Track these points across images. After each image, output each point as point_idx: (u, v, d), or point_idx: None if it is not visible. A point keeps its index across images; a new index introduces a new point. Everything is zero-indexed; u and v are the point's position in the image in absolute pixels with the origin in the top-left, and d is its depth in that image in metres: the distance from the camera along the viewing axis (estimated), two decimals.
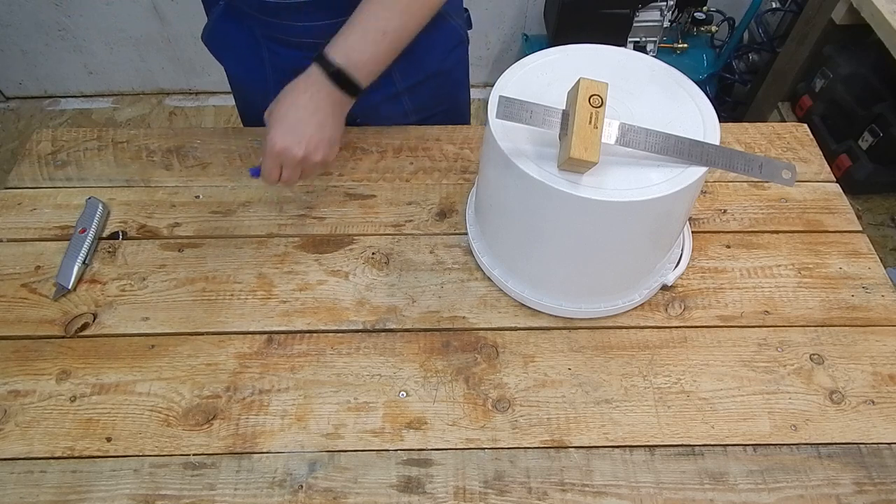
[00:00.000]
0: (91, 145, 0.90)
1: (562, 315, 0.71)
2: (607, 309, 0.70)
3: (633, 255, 0.67)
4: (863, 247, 0.78)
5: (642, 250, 0.67)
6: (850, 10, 1.55)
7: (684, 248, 0.75)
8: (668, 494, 0.59)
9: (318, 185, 0.85)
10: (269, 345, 0.69)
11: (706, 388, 0.66)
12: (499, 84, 0.64)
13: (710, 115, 0.62)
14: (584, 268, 0.68)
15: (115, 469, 0.61)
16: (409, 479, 0.60)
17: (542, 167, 0.58)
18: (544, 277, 0.70)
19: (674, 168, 0.58)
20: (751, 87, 2.05)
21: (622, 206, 0.57)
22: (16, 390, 0.66)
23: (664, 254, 0.71)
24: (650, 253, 0.68)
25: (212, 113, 2.21)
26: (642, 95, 0.63)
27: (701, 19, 1.93)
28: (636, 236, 0.64)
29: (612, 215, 0.59)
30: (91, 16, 1.99)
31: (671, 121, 0.61)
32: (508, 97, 0.58)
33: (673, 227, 0.67)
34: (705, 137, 0.60)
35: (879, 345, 0.69)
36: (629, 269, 0.69)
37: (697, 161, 0.58)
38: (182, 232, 0.79)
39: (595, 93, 0.55)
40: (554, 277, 0.69)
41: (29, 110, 2.21)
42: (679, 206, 0.63)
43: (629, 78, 0.64)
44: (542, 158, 0.58)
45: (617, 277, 0.69)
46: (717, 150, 0.59)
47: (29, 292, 0.74)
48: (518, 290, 0.71)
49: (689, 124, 0.61)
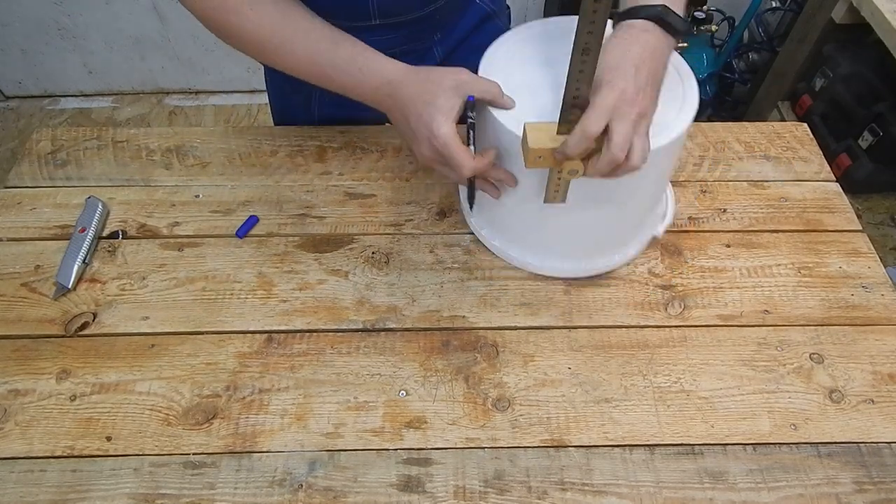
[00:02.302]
0: (91, 144, 0.90)
1: (562, 276, 0.74)
2: (605, 264, 0.74)
3: (624, 208, 0.69)
4: (863, 246, 0.78)
5: (634, 203, 0.69)
6: (850, 9, 1.55)
7: (668, 202, 0.78)
8: (668, 494, 0.59)
9: (318, 184, 0.85)
10: (269, 344, 0.69)
11: (706, 387, 0.66)
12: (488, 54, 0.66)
13: (690, 83, 0.63)
14: (580, 224, 0.70)
15: (115, 468, 0.61)
16: (409, 478, 0.60)
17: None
18: (542, 240, 0.72)
19: (658, 123, 0.57)
20: (751, 86, 2.05)
21: None
22: (15, 389, 0.66)
23: (653, 206, 0.74)
24: (641, 205, 0.71)
25: (212, 112, 2.21)
26: None
27: (701, 18, 1.93)
28: (628, 190, 0.65)
29: None
30: (91, 15, 1.99)
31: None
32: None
33: (661, 180, 0.71)
34: (681, 111, 0.61)
35: (879, 344, 0.69)
36: (623, 222, 0.72)
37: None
38: (182, 231, 0.79)
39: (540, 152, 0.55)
40: (551, 238, 0.72)
41: (29, 109, 2.21)
42: (666, 159, 0.65)
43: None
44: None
45: (610, 232, 0.72)
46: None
47: (29, 291, 0.74)
48: (521, 257, 0.74)
49: (666, 96, 0.60)
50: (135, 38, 2.06)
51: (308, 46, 0.61)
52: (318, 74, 0.63)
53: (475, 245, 0.78)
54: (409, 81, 0.59)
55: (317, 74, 0.63)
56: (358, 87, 0.62)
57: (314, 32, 0.61)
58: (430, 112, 0.57)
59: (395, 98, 0.60)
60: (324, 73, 0.62)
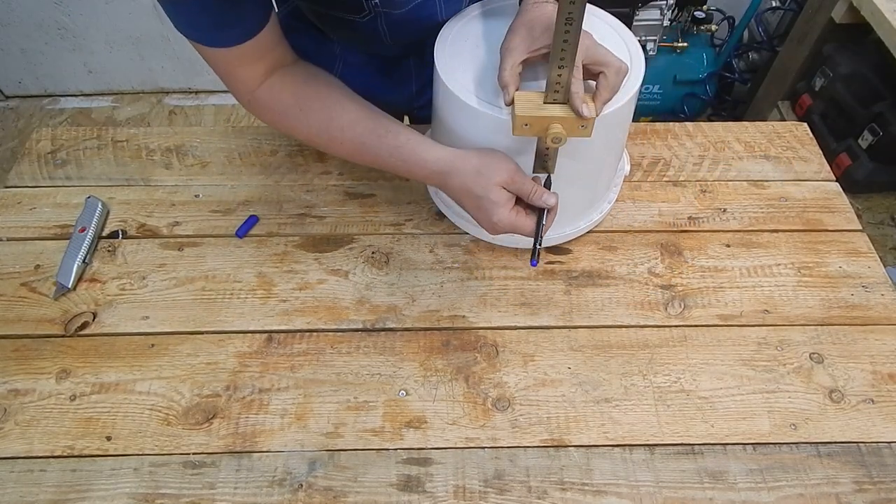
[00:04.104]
0: (91, 144, 0.90)
1: (527, 247, 0.76)
2: (573, 231, 0.77)
3: (587, 175, 0.72)
4: (862, 246, 0.78)
5: (601, 165, 0.73)
6: (850, 8, 1.55)
7: (624, 165, 0.81)
8: (668, 493, 0.59)
9: (318, 184, 0.85)
10: (269, 344, 0.69)
11: (706, 387, 0.66)
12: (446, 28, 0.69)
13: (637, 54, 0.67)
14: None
15: (115, 468, 0.61)
16: (409, 477, 0.60)
17: (484, 100, 0.62)
18: None
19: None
20: (751, 85, 2.05)
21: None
22: (15, 389, 0.66)
23: (613, 172, 0.78)
24: (604, 170, 0.74)
25: (211, 112, 2.21)
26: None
27: (701, 18, 1.93)
28: (586, 155, 0.68)
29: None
30: (91, 15, 1.99)
31: None
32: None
33: (620, 143, 0.74)
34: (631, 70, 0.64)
35: (879, 344, 0.69)
36: (587, 188, 0.74)
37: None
38: (182, 231, 0.79)
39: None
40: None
41: (28, 109, 2.21)
42: (622, 124, 0.70)
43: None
44: (485, 92, 0.63)
45: (568, 204, 0.72)
46: None
47: (29, 291, 0.74)
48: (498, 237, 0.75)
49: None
50: (135, 38, 2.06)
51: (354, 140, 0.65)
52: (370, 164, 0.68)
53: (475, 245, 0.78)
54: (458, 172, 0.62)
55: (368, 164, 0.68)
56: (408, 175, 0.66)
57: (359, 126, 0.65)
58: (486, 207, 0.61)
59: (448, 187, 0.64)
60: (374, 164, 0.67)
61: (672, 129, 0.92)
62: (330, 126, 0.65)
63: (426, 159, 0.63)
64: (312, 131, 0.66)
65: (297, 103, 0.65)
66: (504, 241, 0.77)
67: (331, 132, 0.65)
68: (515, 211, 0.62)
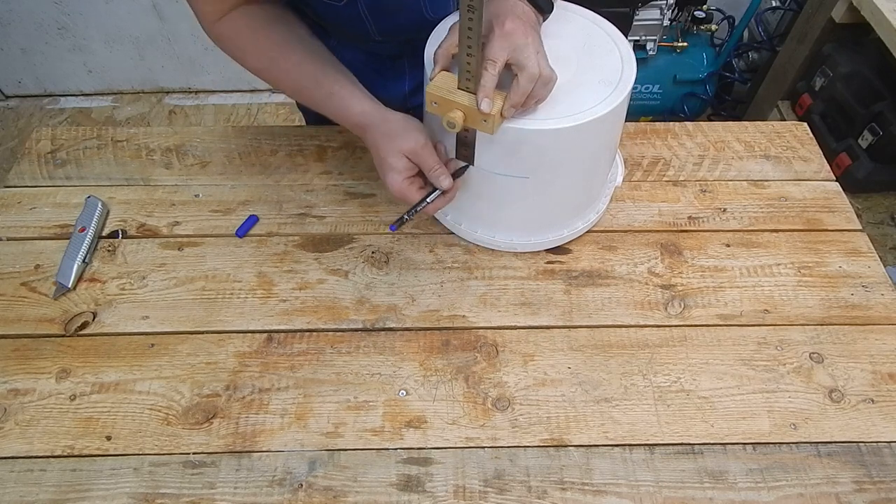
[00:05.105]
0: (90, 144, 0.90)
1: (529, 250, 0.76)
2: (570, 234, 0.77)
3: (581, 177, 0.72)
4: (862, 245, 0.78)
5: (592, 170, 0.73)
6: (850, 8, 1.55)
7: (618, 168, 0.82)
8: (668, 493, 0.59)
9: (318, 183, 0.84)
10: (269, 343, 0.69)
11: (706, 386, 0.66)
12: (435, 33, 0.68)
13: (629, 58, 0.66)
14: (538, 197, 0.71)
15: (115, 468, 0.61)
16: (409, 477, 0.60)
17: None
18: (508, 217, 0.74)
19: (605, 90, 0.63)
20: (751, 85, 2.05)
21: (560, 133, 0.61)
22: (15, 389, 0.66)
23: (605, 174, 0.78)
24: (596, 172, 0.74)
25: (211, 112, 2.21)
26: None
27: (701, 18, 1.93)
28: (574, 161, 0.68)
29: (556, 141, 0.63)
30: (91, 14, 1.99)
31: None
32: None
33: (611, 149, 0.74)
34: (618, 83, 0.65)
35: (879, 343, 0.69)
36: (579, 191, 0.74)
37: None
38: (182, 231, 0.79)
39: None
40: (516, 214, 0.73)
41: (28, 109, 2.20)
42: (616, 124, 0.69)
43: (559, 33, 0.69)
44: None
45: (566, 204, 0.75)
46: None
47: (29, 291, 0.74)
48: (489, 235, 0.76)
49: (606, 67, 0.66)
50: (135, 38, 2.06)
51: (297, 82, 0.69)
52: (313, 108, 0.71)
53: (475, 244, 0.78)
54: (373, 129, 0.65)
55: (312, 107, 0.71)
56: (337, 120, 0.69)
57: (304, 66, 0.68)
58: (384, 168, 0.65)
59: (364, 139, 0.68)
60: (315, 108, 0.70)
61: (672, 128, 0.92)
62: (275, 66, 0.68)
63: (352, 111, 0.66)
64: (262, 68, 0.69)
65: (252, 40, 0.67)
66: (501, 245, 0.77)
67: (276, 72, 0.69)
68: (410, 181, 0.64)
